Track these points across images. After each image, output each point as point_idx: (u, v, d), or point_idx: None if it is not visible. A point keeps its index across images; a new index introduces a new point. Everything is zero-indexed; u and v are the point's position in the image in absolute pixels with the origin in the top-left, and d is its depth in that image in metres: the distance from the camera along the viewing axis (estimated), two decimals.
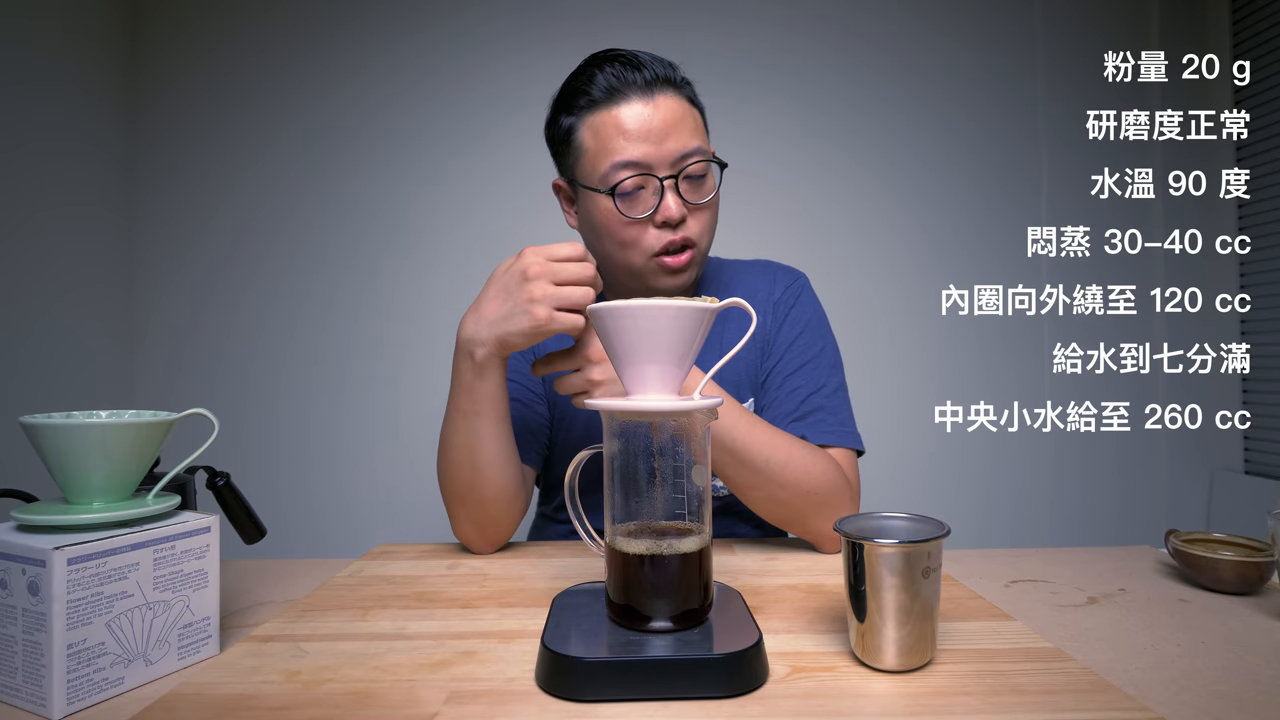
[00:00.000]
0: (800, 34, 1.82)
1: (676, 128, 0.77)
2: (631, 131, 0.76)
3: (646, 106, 0.76)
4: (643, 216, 0.78)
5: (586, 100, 0.78)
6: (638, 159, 0.76)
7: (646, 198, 0.78)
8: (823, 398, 0.84)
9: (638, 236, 0.79)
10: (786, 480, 0.73)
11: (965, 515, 1.74)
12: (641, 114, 0.76)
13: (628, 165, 0.76)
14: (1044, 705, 0.42)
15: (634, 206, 0.78)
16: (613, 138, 0.76)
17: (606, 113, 0.77)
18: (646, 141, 0.76)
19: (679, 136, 0.77)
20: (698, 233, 0.81)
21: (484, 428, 0.74)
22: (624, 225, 0.78)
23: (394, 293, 1.80)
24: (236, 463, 0.88)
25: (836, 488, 0.76)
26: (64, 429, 0.48)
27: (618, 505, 0.51)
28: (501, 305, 0.68)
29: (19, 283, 1.44)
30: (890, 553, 0.45)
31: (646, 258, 0.80)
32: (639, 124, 0.76)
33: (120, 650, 0.47)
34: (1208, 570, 0.66)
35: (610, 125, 0.77)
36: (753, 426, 0.73)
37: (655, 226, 0.78)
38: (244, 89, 1.79)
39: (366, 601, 0.61)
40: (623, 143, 0.76)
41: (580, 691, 0.43)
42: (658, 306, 0.48)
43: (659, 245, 0.79)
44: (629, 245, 0.80)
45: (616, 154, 0.76)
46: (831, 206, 1.83)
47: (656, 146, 0.76)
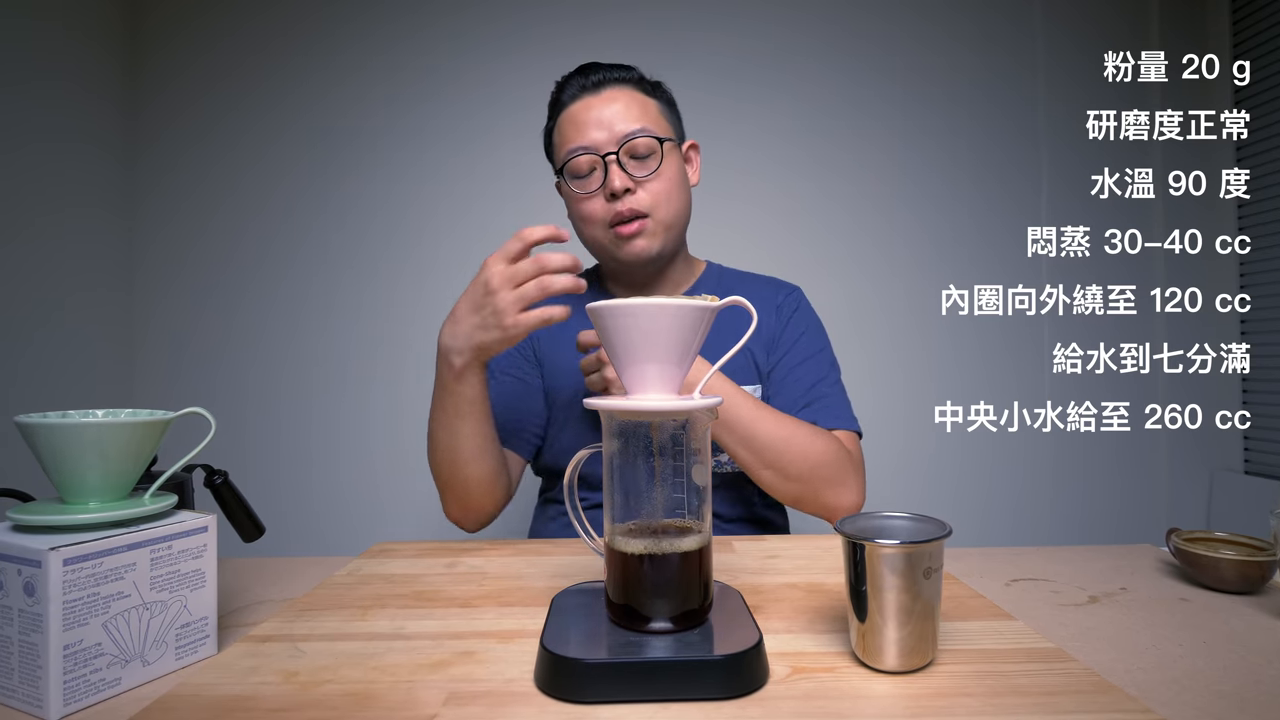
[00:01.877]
0: (800, 34, 1.81)
1: (619, 113, 0.88)
2: (580, 121, 0.89)
3: (594, 100, 0.89)
4: (591, 190, 0.89)
5: (555, 108, 0.93)
6: (584, 143, 0.88)
7: (598, 177, 0.88)
8: (826, 387, 0.93)
9: (592, 210, 0.89)
10: (794, 456, 0.81)
11: (965, 515, 1.74)
12: (590, 105, 0.89)
13: (576, 149, 0.88)
14: (1045, 706, 0.42)
15: (585, 184, 0.89)
16: (567, 129, 0.90)
17: (565, 112, 0.91)
18: (593, 127, 0.88)
19: (623, 121, 0.88)
20: (648, 203, 0.88)
21: (464, 427, 0.80)
22: (580, 201, 0.90)
23: (394, 293, 1.80)
24: (235, 461, 0.88)
25: (840, 461, 0.84)
26: (59, 428, 0.48)
27: (617, 504, 0.51)
28: (472, 318, 0.74)
29: (19, 284, 1.44)
30: (891, 553, 0.45)
31: (603, 228, 0.89)
32: (586, 114, 0.89)
33: (117, 651, 0.46)
34: (1209, 569, 0.66)
35: (567, 120, 0.90)
36: (758, 409, 0.81)
37: (605, 200, 0.88)
38: (244, 89, 1.79)
39: (365, 601, 0.61)
40: (573, 131, 0.89)
41: (579, 693, 0.43)
42: (658, 305, 0.48)
43: (609, 216, 0.88)
44: (587, 219, 0.91)
45: (569, 142, 0.89)
46: (831, 206, 1.82)
47: (601, 131, 0.87)
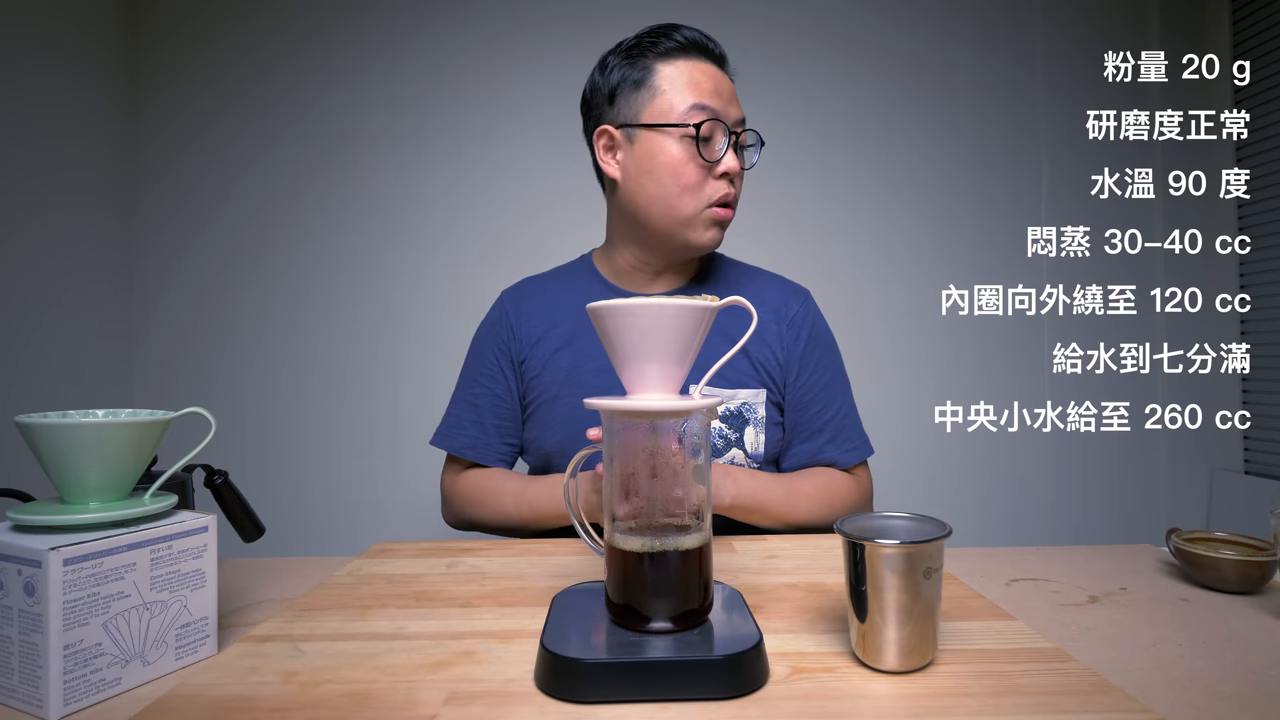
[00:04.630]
0: (799, 35, 1.82)
1: (735, 99, 0.86)
2: (707, 85, 0.83)
3: (719, 72, 0.85)
4: (712, 160, 0.83)
5: (662, 49, 0.84)
6: (714, 106, 0.83)
7: (714, 148, 0.84)
8: (842, 418, 0.94)
9: (701, 182, 0.84)
10: (820, 519, 0.87)
11: (965, 515, 1.74)
12: (716, 75, 0.85)
13: (705, 108, 0.82)
14: (1046, 707, 0.42)
15: (708, 151, 0.84)
16: (695, 82, 0.83)
17: (686, 61, 0.84)
18: (719, 98, 0.83)
19: (737, 107, 0.86)
20: (738, 198, 0.88)
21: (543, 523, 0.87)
22: (694, 166, 0.83)
23: (393, 292, 1.80)
24: (235, 461, 0.88)
25: (862, 506, 0.92)
26: (59, 428, 0.48)
27: (617, 504, 0.51)
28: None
29: (19, 284, 1.44)
30: (892, 553, 0.45)
31: (702, 206, 0.85)
32: (714, 81, 0.84)
33: (117, 651, 0.46)
34: (1210, 569, 0.66)
35: (691, 72, 0.84)
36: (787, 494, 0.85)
37: (714, 178, 0.84)
38: (244, 89, 1.79)
39: (365, 601, 0.61)
40: (708, 90, 0.83)
41: (580, 693, 0.43)
42: (657, 305, 0.48)
43: (717, 195, 0.85)
44: (690, 189, 0.84)
45: (696, 96, 0.82)
46: (831, 207, 1.82)
47: (725, 105, 0.84)
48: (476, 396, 0.96)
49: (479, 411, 0.95)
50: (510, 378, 0.95)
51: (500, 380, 0.95)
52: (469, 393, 0.97)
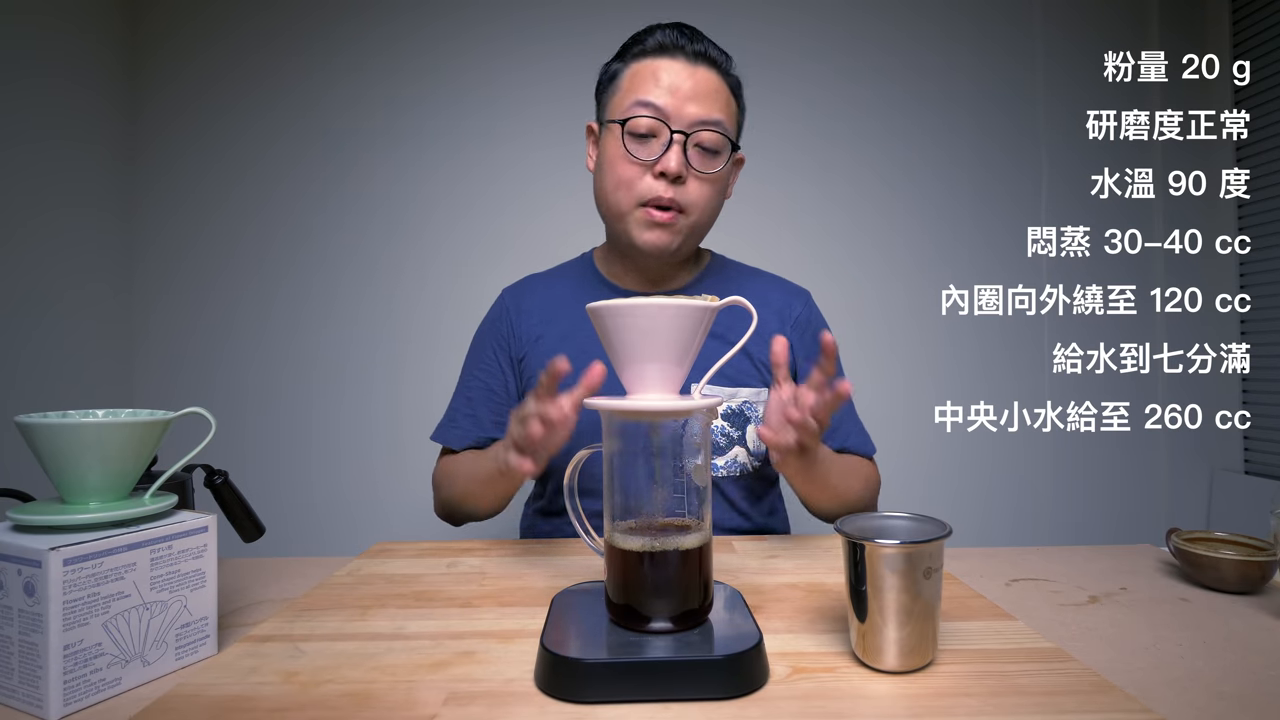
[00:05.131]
0: (799, 35, 1.81)
1: (705, 98, 0.82)
2: (663, 82, 0.81)
3: (685, 69, 0.82)
4: (644, 159, 0.81)
5: (638, 49, 0.85)
6: (659, 105, 0.81)
7: (655, 146, 0.82)
8: (851, 420, 0.95)
9: (634, 179, 0.83)
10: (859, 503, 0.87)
11: (965, 515, 1.74)
12: (678, 72, 0.82)
13: (647, 105, 0.81)
14: (1046, 707, 0.42)
15: (641, 148, 0.82)
16: (645, 81, 0.82)
17: (650, 61, 0.83)
18: (673, 96, 0.81)
19: (704, 105, 0.82)
20: (691, 202, 0.84)
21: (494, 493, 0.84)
22: (626, 162, 0.82)
23: (394, 292, 1.80)
24: (235, 461, 0.88)
25: (876, 490, 0.93)
26: (59, 428, 0.48)
27: (617, 504, 0.50)
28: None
29: (19, 284, 1.44)
30: (892, 553, 0.45)
31: (634, 204, 0.83)
32: (672, 79, 0.82)
33: (117, 651, 0.46)
34: (1210, 569, 0.66)
35: (647, 71, 0.83)
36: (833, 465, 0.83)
37: (653, 176, 0.82)
38: (244, 89, 1.79)
39: (365, 601, 0.61)
40: (652, 86, 0.81)
41: (579, 693, 0.43)
42: (657, 305, 0.48)
43: (649, 195, 0.82)
44: (623, 185, 0.83)
45: (641, 94, 0.82)
46: (831, 207, 1.82)
47: (679, 104, 0.81)
48: (472, 391, 0.96)
49: (473, 405, 0.96)
50: (508, 374, 0.95)
51: (497, 376, 0.95)
52: (466, 388, 0.97)
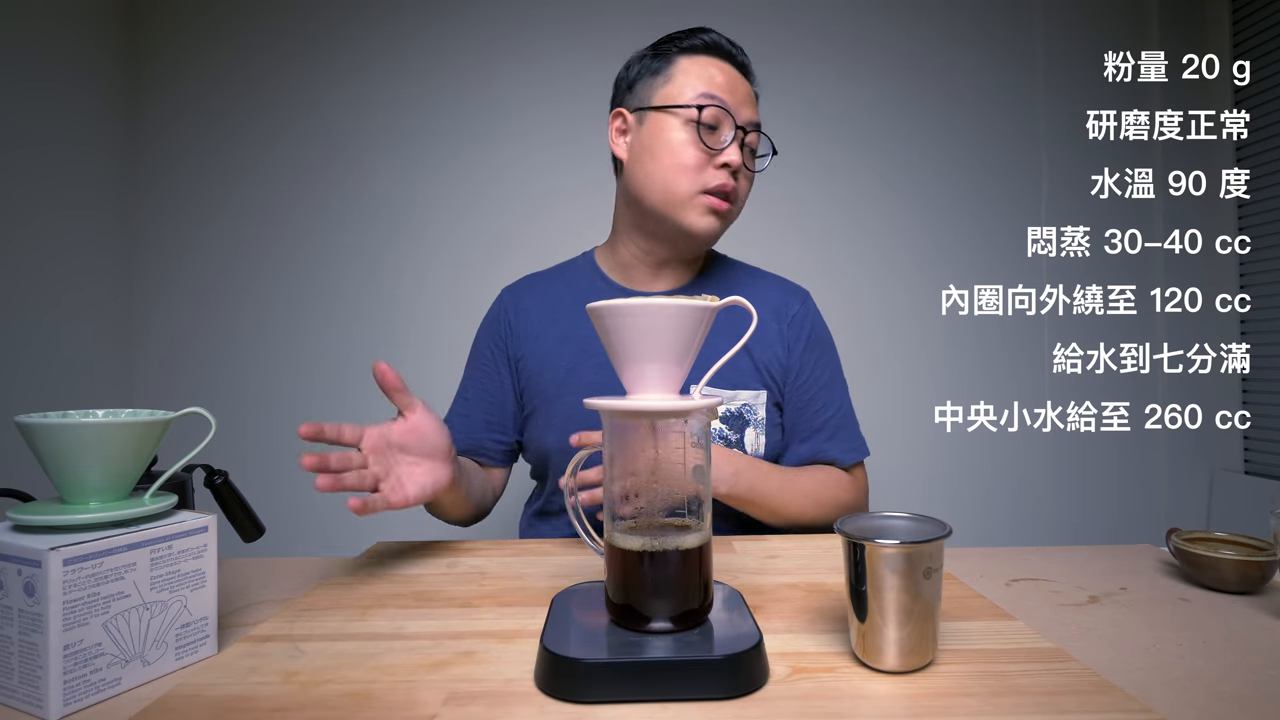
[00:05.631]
0: (799, 35, 1.81)
1: (752, 104, 0.88)
2: (721, 81, 0.85)
3: (736, 74, 0.87)
4: (713, 149, 0.85)
5: (688, 44, 0.87)
6: (725, 100, 0.84)
7: (719, 138, 0.85)
8: (841, 417, 0.95)
9: (700, 166, 0.85)
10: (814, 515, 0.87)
11: (965, 515, 1.74)
12: (732, 75, 0.87)
13: (714, 98, 0.84)
14: (1046, 707, 0.42)
15: (711, 137, 0.85)
16: (707, 75, 0.85)
17: (705, 58, 0.87)
18: (732, 95, 0.85)
19: (751, 110, 0.88)
20: (741, 195, 0.89)
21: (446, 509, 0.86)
22: (695, 148, 0.84)
23: (394, 292, 1.80)
24: (236, 461, 0.88)
25: (856, 505, 0.93)
26: (59, 428, 0.48)
27: (617, 504, 0.51)
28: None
29: (20, 284, 1.44)
30: (892, 553, 0.45)
31: (696, 189, 0.85)
32: (728, 80, 0.86)
33: (117, 651, 0.46)
34: (1210, 569, 0.66)
35: (705, 66, 0.86)
36: (783, 484, 0.85)
37: (714, 166, 0.85)
38: (245, 90, 1.79)
39: (365, 601, 0.61)
40: (721, 84, 0.85)
41: (579, 693, 0.43)
42: (657, 305, 0.48)
43: (714, 183, 0.85)
44: (687, 171, 0.85)
45: (705, 86, 0.84)
46: (831, 208, 1.82)
47: (737, 103, 0.86)
48: (469, 392, 0.97)
49: (468, 404, 0.96)
50: (505, 374, 0.95)
51: (494, 375, 0.95)
52: (464, 389, 0.98)
